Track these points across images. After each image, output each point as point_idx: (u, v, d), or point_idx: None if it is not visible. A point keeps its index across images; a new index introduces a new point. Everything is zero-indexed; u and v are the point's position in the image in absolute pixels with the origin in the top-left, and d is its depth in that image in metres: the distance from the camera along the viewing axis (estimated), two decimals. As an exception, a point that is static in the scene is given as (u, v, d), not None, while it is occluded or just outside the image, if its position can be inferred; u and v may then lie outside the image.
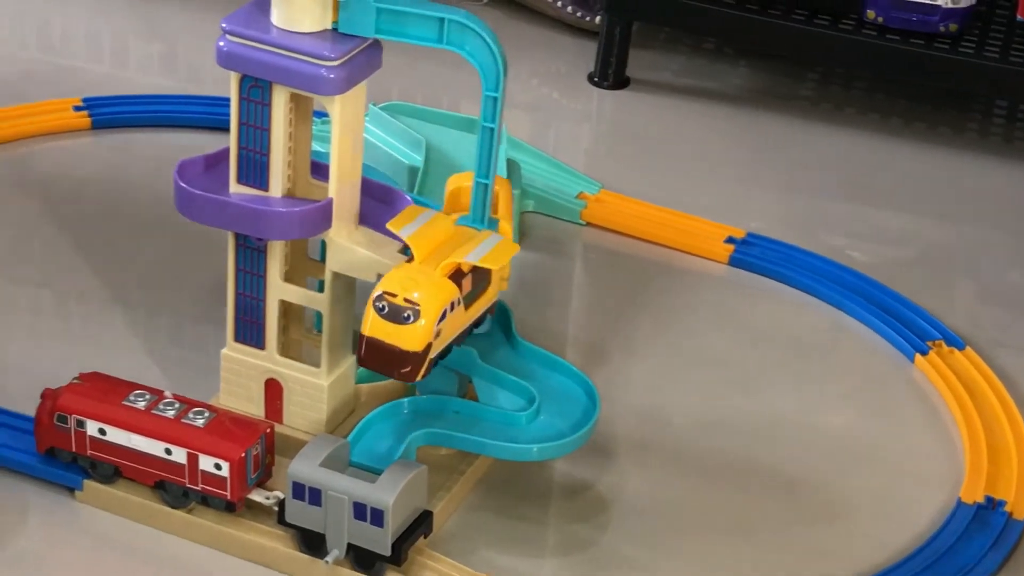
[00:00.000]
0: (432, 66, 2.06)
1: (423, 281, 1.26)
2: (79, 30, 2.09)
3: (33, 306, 1.60)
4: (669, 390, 1.56)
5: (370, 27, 1.24)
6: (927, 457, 1.50)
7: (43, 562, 1.31)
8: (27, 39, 2.04)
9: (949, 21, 1.92)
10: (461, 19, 1.24)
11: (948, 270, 1.77)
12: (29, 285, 1.62)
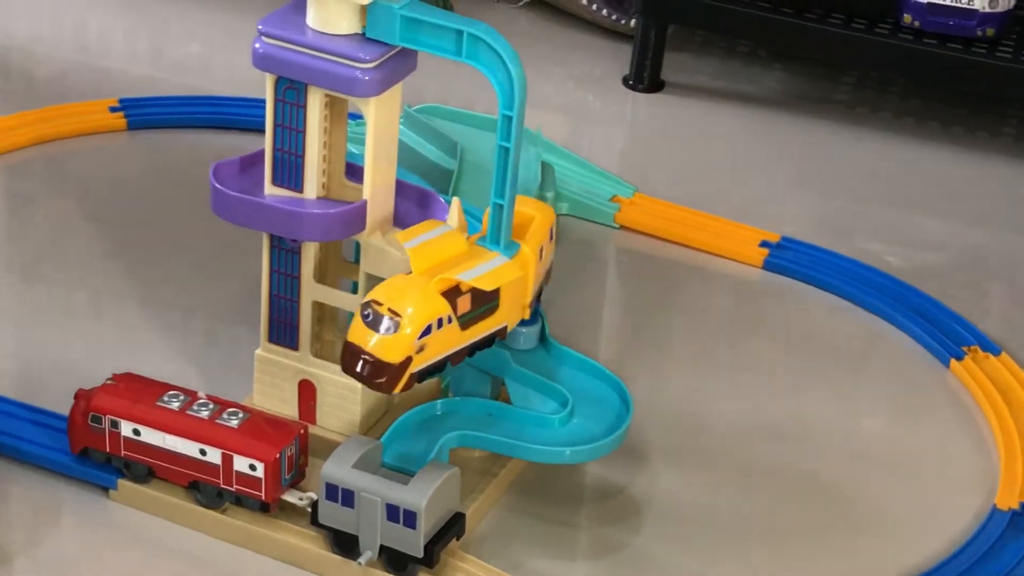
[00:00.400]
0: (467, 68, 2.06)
1: (412, 294, 1.25)
2: (115, 31, 2.09)
3: (68, 306, 1.61)
4: (703, 394, 1.56)
5: (395, 35, 1.24)
6: (962, 463, 1.50)
7: (77, 561, 1.31)
8: (64, 40, 2.04)
9: (986, 25, 1.92)
10: (480, 33, 1.24)
11: (984, 275, 1.76)
12: (64, 285, 1.63)
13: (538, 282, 1.35)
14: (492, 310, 1.30)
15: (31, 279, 1.64)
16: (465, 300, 1.27)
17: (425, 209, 1.34)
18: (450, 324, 1.27)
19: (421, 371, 1.28)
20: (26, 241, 1.71)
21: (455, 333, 1.27)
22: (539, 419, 1.37)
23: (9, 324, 1.58)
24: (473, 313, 1.28)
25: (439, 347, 1.27)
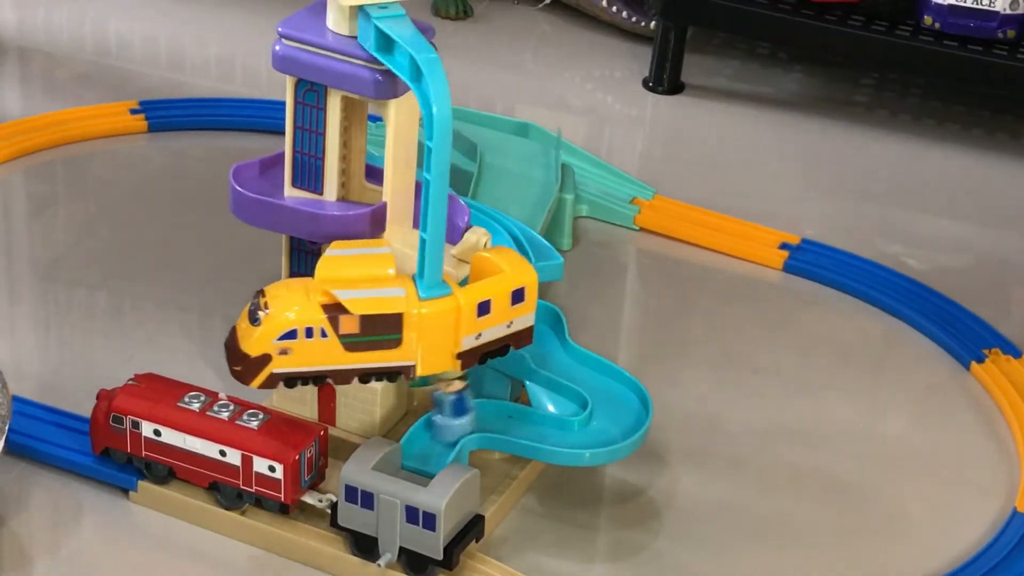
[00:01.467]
0: (486, 70, 2.06)
1: (290, 297, 1.24)
2: (136, 34, 2.10)
3: (89, 307, 1.61)
4: (723, 396, 1.56)
5: (371, 44, 1.23)
6: (982, 466, 1.49)
7: (97, 562, 1.31)
8: (85, 43, 2.05)
9: (1008, 27, 1.92)
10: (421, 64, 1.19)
11: (1004, 278, 1.76)
12: (85, 286, 1.63)
13: (484, 337, 1.29)
14: (392, 343, 1.25)
15: (53, 279, 1.65)
16: (351, 321, 1.24)
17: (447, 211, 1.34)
18: (325, 338, 1.24)
19: (289, 375, 1.26)
20: (48, 241, 1.72)
21: (334, 350, 1.25)
22: (559, 421, 1.37)
23: (31, 324, 1.59)
24: (363, 338, 1.25)
25: (310, 358, 1.25)
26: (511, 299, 1.27)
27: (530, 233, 1.57)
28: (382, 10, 1.22)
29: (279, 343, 1.23)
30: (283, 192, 1.33)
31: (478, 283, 1.26)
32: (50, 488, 1.38)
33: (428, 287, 1.24)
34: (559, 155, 1.77)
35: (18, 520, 1.35)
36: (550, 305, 1.47)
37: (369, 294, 1.23)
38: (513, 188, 1.70)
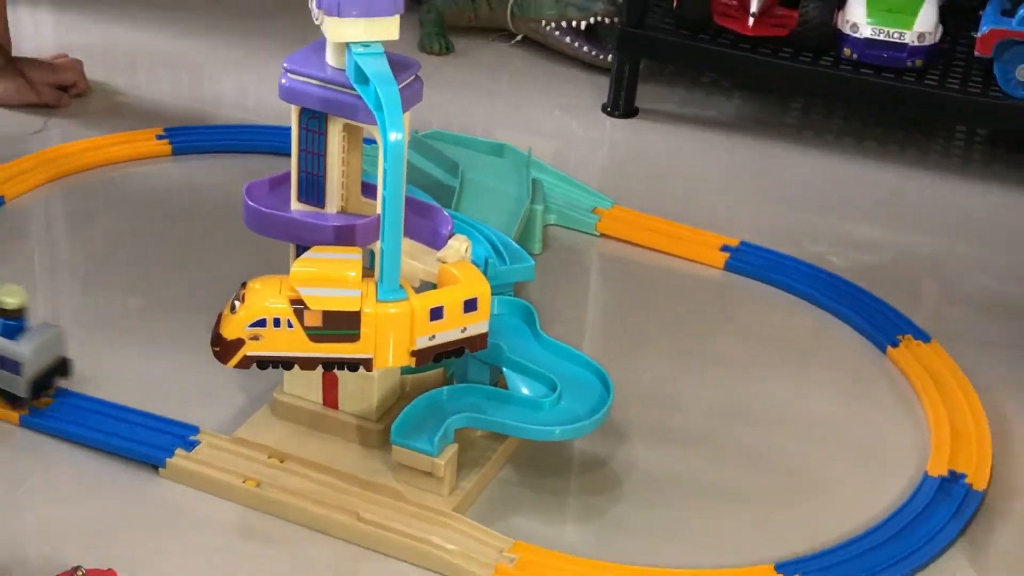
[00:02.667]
0: (466, 99, 2.06)
1: (263, 291, 1.25)
2: (160, 70, 2.10)
3: (123, 309, 1.61)
4: (674, 380, 1.56)
5: (352, 76, 1.23)
6: (898, 436, 1.50)
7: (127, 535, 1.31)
8: (116, 77, 2.05)
9: (916, 57, 1.92)
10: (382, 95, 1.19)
11: (916, 273, 1.77)
12: (119, 290, 1.63)
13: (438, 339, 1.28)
14: (351, 337, 1.26)
15: (91, 285, 1.65)
16: (314, 316, 1.24)
17: (431, 221, 1.34)
18: (290, 329, 1.25)
19: (260, 359, 1.26)
20: (87, 252, 1.72)
21: (299, 339, 1.25)
22: (532, 402, 1.37)
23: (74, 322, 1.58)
24: (325, 331, 1.25)
25: (279, 345, 1.26)
26: (464, 307, 1.27)
27: (506, 240, 1.57)
28: (364, 48, 1.22)
29: (251, 330, 1.24)
30: (290, 206, 1.33)
31: (432, 291, 1.27)
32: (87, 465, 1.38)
33: (386, 291, 1.24)
34: (530, 172, 1.78)
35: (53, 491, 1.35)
36: (523, 301, 1.47)
37: (328, 293, 1.24)
38: (490, 201, 1.70)
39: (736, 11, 1.97)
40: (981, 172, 1.99)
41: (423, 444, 1.32)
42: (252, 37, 2.18)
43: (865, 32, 1.92)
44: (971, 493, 1.41)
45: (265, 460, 1.37)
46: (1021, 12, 1.84)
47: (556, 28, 2.16)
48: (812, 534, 1.36)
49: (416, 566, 1.29)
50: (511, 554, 1.29)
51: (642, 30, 2.00)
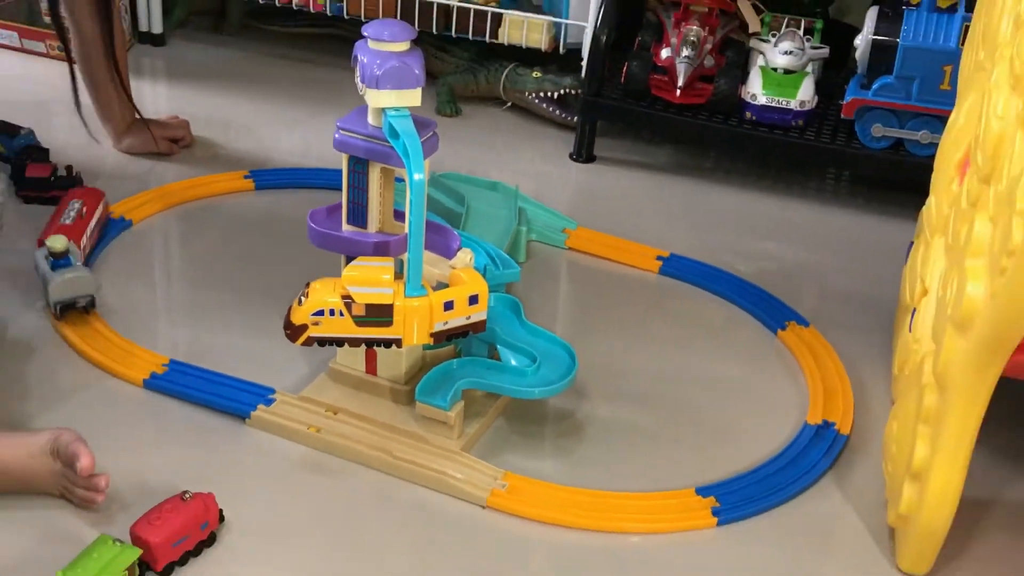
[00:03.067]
0: (470, 149, 2.07)
1: (323, 289, 1.25)
2: (246, 126, 2.10)
3: (219, 305, 1.61)
4: (621, 353, 1.57)
5: (387, 132, 1.23)
6: (785, 395, 1.51)
7: (222, 468, 1.31)
8: (214, 133, 2.05)
9: (798, 119, 1.93)
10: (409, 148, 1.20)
11: (798, 276, 1.77)
12: (216, 291, 1.63)
13: (450, 324, 1.28)
14: (386, 323, 1.26)
15: (196, 288, 1.65)
16: (359, 307, 1.24)
17: (444, 238, 1.34)
18: (342, 317, 1.25)
19: (319, 339, 1.26)
20: (192, 261, 1.72)
21: (348, 324, 1.25)
22: (518, 370, 1.38)
23: (183, 317, 1.59)
24: (367, 318, 1.25)
25: (332, 328, 1.25)
26: (468, 301, 1.28)
27: (499, 252, 1.58)
28: (396, 112, 1.23)
29: (313, 317, 1.25)
30: (341, 228, 1.33)
31: (445, 289, 1.28)
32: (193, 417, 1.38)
33: (411, 289, 1.25)
34: (517, 202, 1.78)
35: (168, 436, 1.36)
36: (512, 297, 1.47)
37: (369, 290, 1.24)
38: (487, 223, 1.70)
39: (667, 85, 1.98)
40: (845, 203, 2.00)
41: (439, 401, 1.33)
42: (313, 104, 2.18)
43: (761, 100, 1.92)
44: (838, 437, 1.42)
45: (323, 413, 1.37)
46: (875, 86, 1.85)
47: (536, 97, 2.16)
48: (723, 466, 1.37)
49: (433, 490, 1.30)
50: (503, 481, 1.30)
51: (599, 99, 2.01)
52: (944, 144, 1.48)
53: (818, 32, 2.04)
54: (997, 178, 1.14)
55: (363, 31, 1.23)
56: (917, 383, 1.23)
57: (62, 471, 1.20)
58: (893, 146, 1.88)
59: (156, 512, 1.17)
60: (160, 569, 1.16)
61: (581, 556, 1.24)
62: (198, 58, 2.34)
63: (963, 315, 1.13)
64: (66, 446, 1.19)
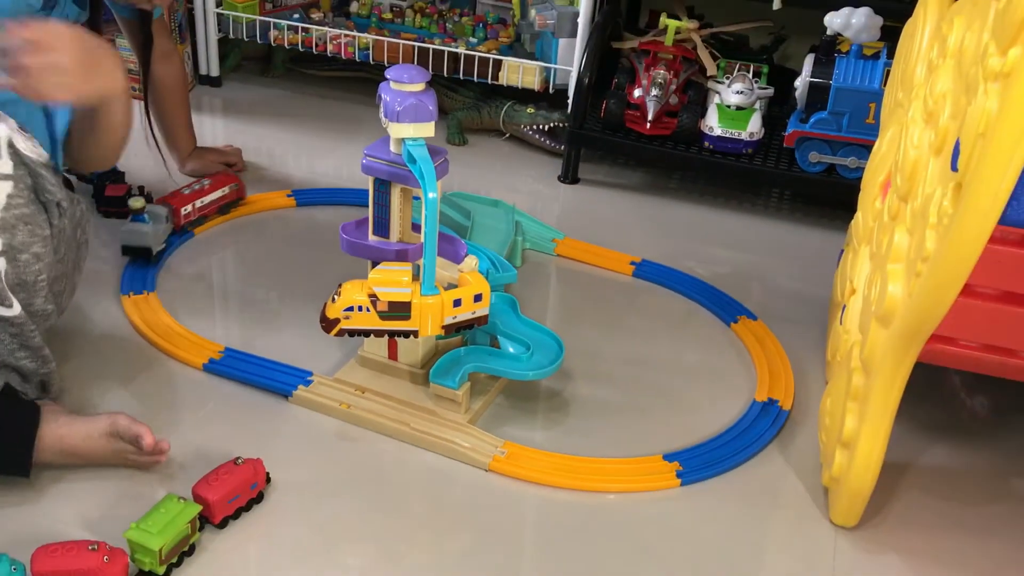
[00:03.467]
0: (475, 172, 2.07)
1: (352, 289, 1.24)
2: (289, 153, 2.10)
3: (265, 302, 1.61)
4: (601, 342, 1.56)
5: (406, 158, 1.23)
6: (737, 378, 1.51)
7: (269, 438, 1.31)
8: (262, 159, 2.05)
9: (748, 147, 1.93)
10: (424, 172, 1.19)
11: (748, 278, 1.77)
12: (263, 290, 1.63)
13: (458, 318, 1.27)
14: (405, 317, 1.25)
15: (248, 285, 1.65)
16: (383, 304, 1.24)
17: (453, 247, 1.34)
18: (368, 312, 1.24)
19: (350, 331, 1.25)
20: (244, 265, 1.71)
21: (373, 318, 1.24)
22: (515, 356, 1.37)
23: (236, 314, 1.58)
24: (389, 313, 1.24)
25: (361, 321, 1.25)
26: (474, 299, 1.28)
27: (499, 258, 1.58)
28: (413, 141, 1.23)
29: (344, 312, 1.25)
30: (368, 238, 1.33)
31: (454, 289, 1.28)
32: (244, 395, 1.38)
33: (426, 289, 1.25)
34: (514, 216, 1.78)
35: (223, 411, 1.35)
36: (510, 295, 1.47)
37: (391, 290, 1.24)
38: (490, 234, 1.70)
39: (639, 119, 1.97)
40: (787, 217, 2.00)
41: (449, 382, 1.32)
42: (344, 134, 2.18)
43: (717, 132, 1.92)
44: (781, 412, 1.42)
45: (353, 392, 1.37)
46: (812, 120, 1.85)
47: (530, 129, 2.16)
48: (686, 436, 1.37)
49: (444, 456, 1.30)
50: (503, 449, 1.30)
51: (582, 131, 2.01)
52: (869, 168, 1.48)
53: (764, 75, 2.04)
54: (913, 196, 1.14)
55: (386, 74, 1.23)
56: (847, 367, 1.23)
57: (124, 448, 1.20)
58: (827, 170, 1.88)
59: (214, 474, 1.17)
60: (217, 522, 1.16)
61: (567, 511, 1.24)
62: (249, 97, 2.34)
63: (885, 311, 1.13)
64: (127, 429, 1.19)
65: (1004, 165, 0.91)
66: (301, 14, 2.32)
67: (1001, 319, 1.15)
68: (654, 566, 1.17)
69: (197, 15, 2.29)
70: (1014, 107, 0.89)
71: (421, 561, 1.15)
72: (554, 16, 2.08)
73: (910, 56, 1.36)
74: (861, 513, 1.22)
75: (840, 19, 1.82)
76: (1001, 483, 1.33)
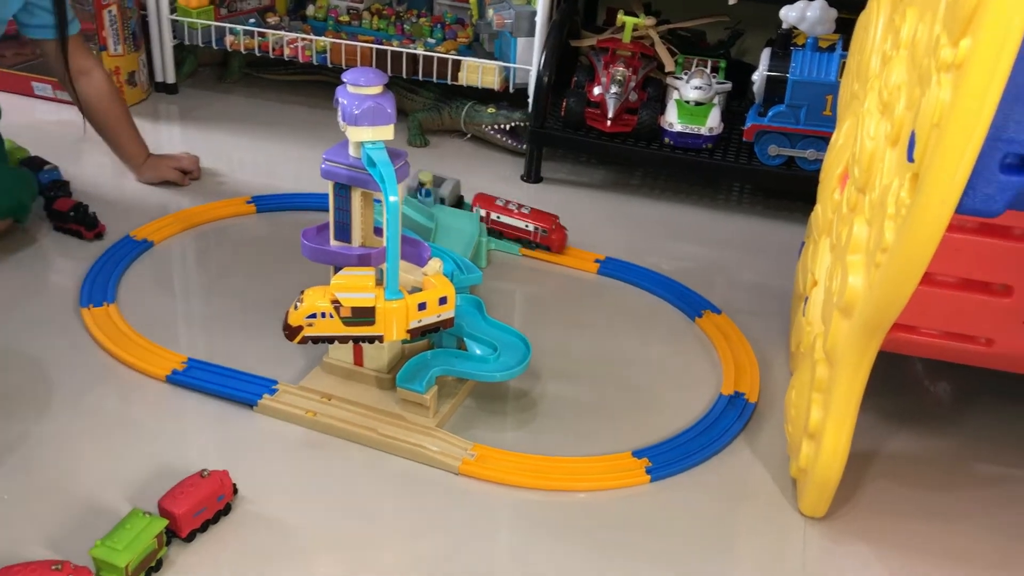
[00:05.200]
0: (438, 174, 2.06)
1: (315, 295, 1.23)
2: (247, 160, 2.08)
3: (228, 310, 1.59)
4: (567, 340, 1.56)
5: (365, 161, 1.22)
6: (703, 371, 1.51)
7: (235, 448, 1.30)
8: (219, 166, 2.03)
9: (708, 142, 1.94)
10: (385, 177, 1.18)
11: (711, 272, 1.78)
12: (225, 297, 1.61)
13: (424, 322, 1.26)
14: (369, 323, 1.24)
15: (210, 294, 1.63)
16: (347, 310, 1.23)
17: (416, 249, 1.34)
18: (332, 318, 1.23)
19: (313, 338, 1.24)
20: (206, 274, 1.69)
21: (337, 325, 1.23)
22: (482, 358, 1.37)
23: (197, 323, 1.57)
24: (353, 319, 1.23)
25: (324, 328, 1.23)
26: (439, 302, 1.27)
27: (464, 260, 1.57)
28: (372, 144, 1.22)
29: (307, 320, 1.23)
30: (329, 243, 1.32)
31: (419, 293, 1.27)
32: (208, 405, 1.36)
33: (390, 293, 1.24)
34: (478, 217, 1.77)
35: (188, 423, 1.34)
36: (475, 297, 1.47)
37: (355, 295, 1.23)
38: (454, 236, 1.70)
39: (599, 117, 1.98)
40: (747, 211, 2.01)
41: (416, 386, 1.32)
42: (302, 139, 2.16)
43: (677, 128, 1.93)
44: (747, 404, 1.42)
45: (319, 399, 1.36)
46: (770, 114, 1.86)
47: (492, 129, 2.15)
48: (654, 432, 1.37)
49: (413, 461, 1.29)
50: (472, 451, 1.29)
51: (543, 129, 2.00)
52: (827, 160, 1.49)
53: (722, 70, 2.05)
54: (871, 188, 1.15)
55: (343, 77, 1.22)
56: (810, 358, 1.24)
57: None
58: (786, 163, 1.89)
59: (179, 488, 1.16)
60: (185, 536, 1.15)
61: (538, 512, 1.24)
62: (206, 103, 2.32)
63: (846, 302, 1.13)
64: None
65: (959, 155, 0.92)
66: (257, 19, 2.30)
67: (960, 306, 1.16)
68: (627, 562, 1.17)
69: (151, 22, 2.26)
70: (967, 97, 0.90)
71: (393, 567, 1.15)
72: (512, 15, 2.08)
73: (865, 48, 1.37)
74: (829, 503, 1.23)
75: (795, 12, 1.84)
76: (966, 468, 1.35)
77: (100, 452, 1.26)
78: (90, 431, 1.29)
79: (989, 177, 0.94)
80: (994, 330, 1.18)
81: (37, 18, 1.71)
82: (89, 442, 1.28)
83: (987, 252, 1.12)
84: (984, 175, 0.94)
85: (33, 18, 1.70)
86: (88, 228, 1.71)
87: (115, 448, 1.27)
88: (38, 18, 1.71)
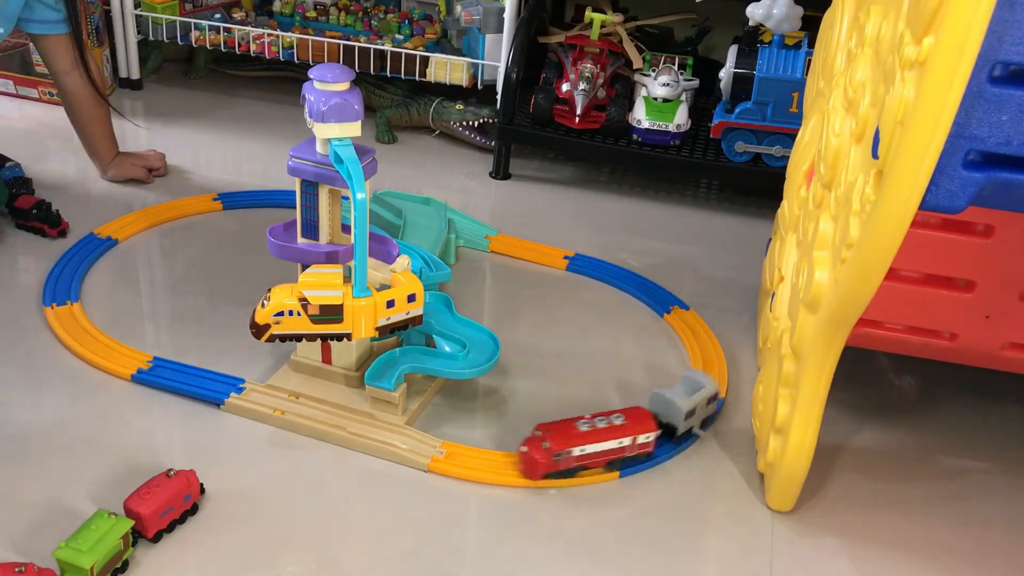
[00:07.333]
0: (405, 171, 2.05)
1: (282, 293, 1.22)
2: (214, 156, 2.06)
3: (195, 307, 1.57)
4: (536, 337, 1.56)
5: (332, 158, 1.21)
6: (671, 364, 1.52)
7: (201, 447, 1.28)
8: (186, 163, 2.01)
9: (675, 139, 1.95)
10: (352, 174, 1.17)
11: (679, 268, 1.79)
12: (192, 294, 1.60)
13: (392, 319, 1.25)
14: (337, 320, 1.23)
15: (175, 293, 1.61)
16: (314, 307, 1.22)
17: (385, 247, 1.33)
18: (299, 316, 1.21)
19: (280, 336, 1.23)
20: (172, 272, 1.68)
21: (305, 323, 1.22)
22: (451, 355, 1.36)
23: (166, 316, 1.55)
24: (321, 317, 1.22)
25: (292, 326, 1.22)
26: (407, 299, 1.26)
27: (432, 256, 1.56)
28: (340, 141, 1.21)
29: (274, 318, 1.22)
30: (296, 240, 1.31)
31: (387, 290, 1.26)
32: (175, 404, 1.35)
33: (358, 291, 1.23)
34: (446, 214, 1.77)
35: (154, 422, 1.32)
36: (444, 294, 1.46)
37: (322, 293, 1.22)
38: (422, 233, 1.69)
39: (568, 113, 1.98)
40: (715, 207, 2.02)
41: (385, 384, 1.31)
42: (269, 135, 2.15)
43: (645, 124, 1.94)
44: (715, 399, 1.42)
45: (286, 398, 1.35)
46: (737, 110, 1.87)
47: (460, 126, 2.15)
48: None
49: (382, 459, 1.28)
50: (441, 449, 1.29)
51: (512, 126, 2.00)
52: (793, 157, 1.50)
53: (689, 67, 2.05)
54: (836, 184, 1.15)
55: (309, 74, 1.21)
56: (777, 353, 1.25)
57: None
58: (752, 160, 1.90)
59: (145, 488, 1.14)
60: (151, 536, 1.13)
61: (508, 508, 1.23)
62: (171, 99, 2.29)
63: (813, 297, 1.14)
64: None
65: (922, 151, 0.93)
66: (223, 14, 2.27)
67: (924, 301, 1.17)
68: (596, 559, 1.17)
69: (115, 17, 2.23)
70: (930, 95, 0.90)
71: (362, 565, 1.14)
72: (480, 12, 2.07)
73: (830, 45, 1.38)
74: (796, 497, 1.24)
75: (762, 10, 1.85)
76: (931, 460, 1.36)
77: (64, 452, 1.24)
78: (53, 431, 1.27)
79: (952, 174, 0.95)
80: (957, 325, 1.19)
81: (37, 13, 1.70)
82: (52, 442, 1.26)
83: (950, 248, 1.13)
84: (947, 172, 0.95)
85: (33, 13, 1.70)
86: (51, 226, 1.69)
87: (79, 448, 1.25)
88: (38, 13, 1.70)
